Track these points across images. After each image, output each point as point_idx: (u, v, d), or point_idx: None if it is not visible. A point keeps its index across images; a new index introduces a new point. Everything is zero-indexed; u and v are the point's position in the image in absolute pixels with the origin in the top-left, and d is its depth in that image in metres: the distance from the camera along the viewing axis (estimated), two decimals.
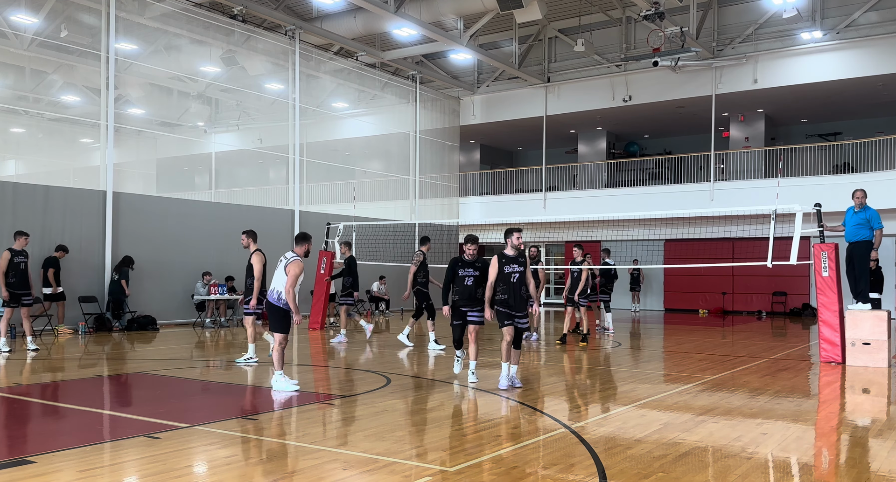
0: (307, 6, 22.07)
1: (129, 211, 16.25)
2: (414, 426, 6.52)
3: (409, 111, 25.05)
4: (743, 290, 24.12)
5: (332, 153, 23.67)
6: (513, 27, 24.75)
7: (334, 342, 13.57)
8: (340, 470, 5.10)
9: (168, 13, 17.75)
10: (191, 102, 23.33)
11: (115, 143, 16.64)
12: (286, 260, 8.36)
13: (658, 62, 20.51)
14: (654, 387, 8.83)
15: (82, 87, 20.39)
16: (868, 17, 20.78)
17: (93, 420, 6.89)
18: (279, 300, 8.23)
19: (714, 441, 6.04)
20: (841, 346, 11.01)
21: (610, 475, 4.97)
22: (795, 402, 7.99)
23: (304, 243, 8.70)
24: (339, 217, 19.14)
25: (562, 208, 24.71)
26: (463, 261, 9.20)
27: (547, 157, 26.54)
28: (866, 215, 11.07)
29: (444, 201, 26.46)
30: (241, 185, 25.87)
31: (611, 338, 15.10)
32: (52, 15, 17.15)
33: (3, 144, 21.94)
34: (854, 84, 21.14)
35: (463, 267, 9.16)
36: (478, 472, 5.01)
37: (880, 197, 18.48)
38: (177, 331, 15.78)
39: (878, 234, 11.12)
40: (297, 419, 6.91)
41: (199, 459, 5.47)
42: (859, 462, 5.58)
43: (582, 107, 25.03)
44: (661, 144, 28.50)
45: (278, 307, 8.26)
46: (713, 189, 22.89)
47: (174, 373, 9.83)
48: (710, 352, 12.83)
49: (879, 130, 23.16)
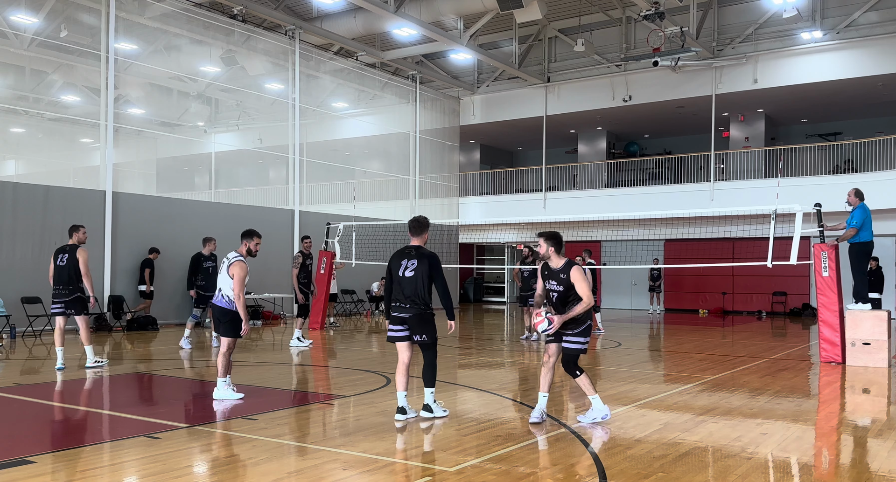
0: (307, 6, 22.07)
1: (129, 211, 16.25)
2: (414, 426, 6.52)
3: (408, 111, 25.05)
4: (743, 290, 24.13)
5: (332, 153, 23.66)
6: (513, 27, 24.75)
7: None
8: (340, 470, 5.10)
9: (168, 13, 17.75)
10: (191, 102, 23.33)
11: (115, 143, 16.65)
12: (228, 260, 7.67)
13: (658, 62, 20.51)
14: (654, 387, 8.82)
15: (82, 87, 20.38)
16: (868, 17, 20.78)
17: (93, 420, 6.89)
18: (230, 303, 7.59)
19: (714, 441, 6.04)
20: (841, 346, 11.01)
21: (610, 475, 4.97)
22: (795, 402, 7.99)
23: (245, 240, 7.84)
24: (339, 217, 19.12)
25: (562, 208, 24.70)
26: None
27: (547, 157, 26.54)
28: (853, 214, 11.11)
29: (444, 201, 26.46)
30: (241, 184, 25.87)
31: (599, 338, 14.98)
32: (52, 15, 17.14)
33: (3, 144, 21.94)
34: (854, 84, 21.14)
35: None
36: (478, 472, 5.01)
37: (880, 197, 18.48)
38: (177, 331, 15.78)
39: (849, 231, 11.12)
40: (297, 419, 6.91)
41: (199, 459, 5.47)
42: (859, 462, 5.58)
43: (582, 107, 25.03)
44: (661, 144, 28.50)
45: (228, 310, 7.61)
46: (713, 189, 22.89)
47: (174, 373, 9.83)
48: (710, 352, 12.83)
49: (879, 130, 23.16)
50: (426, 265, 6.64)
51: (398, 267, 6.73)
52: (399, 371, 6.70)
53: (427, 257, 6.67)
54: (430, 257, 6.69)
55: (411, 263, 6.66)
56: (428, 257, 6.68)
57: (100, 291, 15.50)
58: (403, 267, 6.70)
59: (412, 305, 6.65)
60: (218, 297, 7.72)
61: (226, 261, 7.75)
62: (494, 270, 30.35)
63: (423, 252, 6.73)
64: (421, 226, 6.87)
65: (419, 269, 6.63)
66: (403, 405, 6.65)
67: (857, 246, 11.16)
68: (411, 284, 6.64)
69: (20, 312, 13.62)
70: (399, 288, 6.71)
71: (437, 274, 6.68)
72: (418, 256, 6.67)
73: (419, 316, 6.67)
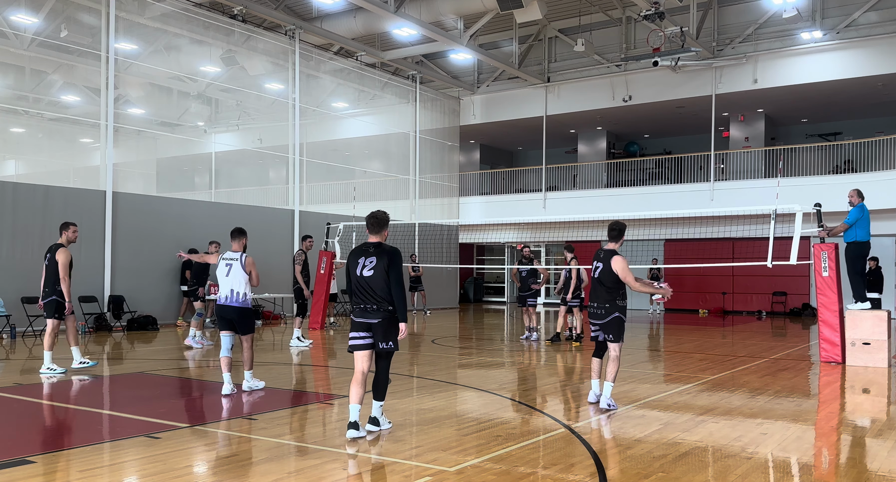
0: (307, 6, 22.08)
1: (129, 211, 16.25)
2: (414, 426, 6.52)
3: (409, 111, 25.05)
4: (743, 290, 24.13)
5: (332, 153, 23.66)
6: (513, 27, 24.75)
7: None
8: (340, 470, 5.10)
9: (168, 13, 17.75)
10: (191, 102, 23.33)
11: (115, 143, 16.64)
12: (234, 259, 7.99)
13: (658, 62, 20.50)
14: (654, 387, 8.83)
15: (82, 87, 20.38)
16: (868, 17, 20.78)
17: (93, 420, 6.89)
18: (244, 302, 7.90)
19: (714, 441, 6.04)
20: (841, 346, 11.01)
21: (610, 475, 4.97)
22: (795, 402, 7.99)
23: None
24: (339, 217, 19.12)
25: (562, 208, 24.70)
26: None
27: (547, 157, 26.54)
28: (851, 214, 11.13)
29: (444, 201, 26.46)
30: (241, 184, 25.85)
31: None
32: (52, 15, 17.14)
33: (3, 144, 21.92)
34: (854, 84, 21.14)
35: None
36: (478, 472, 5.01)
37: (880, 197, 18.49)
38: (177, 331, 15.78)
39: (839, 227, 11.15)
40: (297, 419, 6.91)
41: (199, 459, 5.47)
42: (859, 462, 5.58)
43: (582, 107, 25.03)
44: (661, 144, 28.50)
45: (242, 308, 7.91)
46: (713, 189, 22.89)
47: (174, 373, 9.83)
48: (710, 352, 12.83)
49: (879, 130, 23.16)
50: (385, 261, 6.05)
51: (355, 265, 6.14)
52: (356, 381, 6.02)
53: (387, 253, 6.09)
54: (391, 253, 6.10)
55: (370, 261, 6.08)
56: (388, 253, 6.10)
57: (100, 291, 15.50)
58: (361, 265, 6.11)
59: (378, 308, 6.05)
60: (233, 298, 7.84)
61: (231, 263, 7.92)
62: (494, 270, 30.35)
63: (383, 248, 6.14)
64: (380, 222, 6.23)
65: (378, 267, 6.04)
66: (356, 420, 5.94)
67: (853, 246, 11.15)
68: (374, 284, 6.04)
69: (20, 312, 13.63)
70: (360, 289, 6.10)
71: (396, 271, 6.06)
72: (377, 253, 6.11)
73: (387, 321, 6.06)
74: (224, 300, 7.88)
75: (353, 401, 5.98)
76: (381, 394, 6.16)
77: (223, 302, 7.89)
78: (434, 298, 23.78)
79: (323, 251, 16.50)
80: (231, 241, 8.15)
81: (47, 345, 9.45)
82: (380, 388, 6.15)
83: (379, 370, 6.18)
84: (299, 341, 12.81)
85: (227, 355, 8.00)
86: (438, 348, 13.15)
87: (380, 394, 6.15)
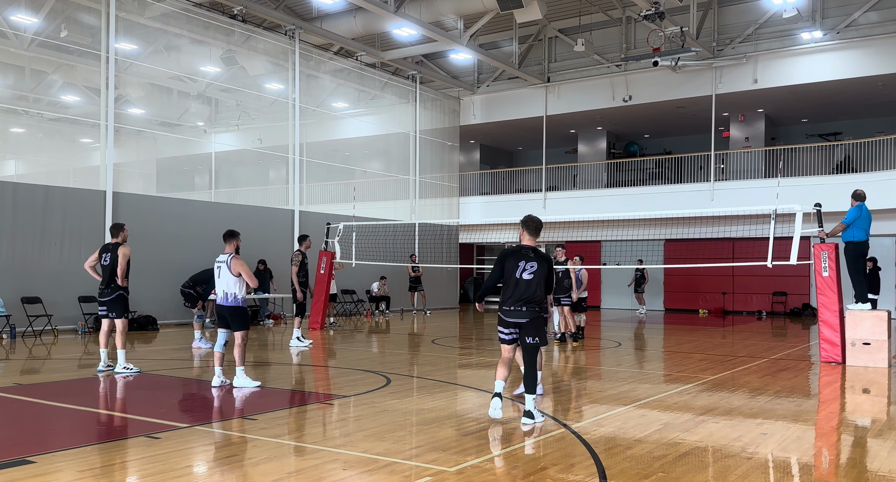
0: (307, 6, 22.08)
1: (129, 211, 16.24)
2: (414, 426, 6.52)
3: (408, 111, 25.05)
4: (743, 290, 24.12)
5: (332, 153, 23.67)
6: (513, 27, 24.74)
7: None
8: (340, 470, 5.10)
9: (168, 13, 17.75)
10: (191, 102, 23.33)
11: (115, 143, 16.64)
12: (224, 261, 8.48)
13: (658, 62, 20.50)
14: (654, 387, 8.82)
15: (82, 87, 20.39)
16: (868, 17, 20.78)
17: (93, 420, 6.89)
18: (235, 301, 8.40)
19: (714, 441, 6.04)
20: (841, 346, 11.01)
21: (610, 475, 4.97)
22: (795, 402, 7.99)
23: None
24: (339, 217, 19.13)
25: (562, 208, 24.70)
26: None
27: (547, 157, 26.54)
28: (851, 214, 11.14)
29: (444, 201, 26.46)
30: (241, 184, 25.85)
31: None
32: (52, 15, 17.14)
33: (3, 144, 21.92)
34: (854, 84, 21.14)
35: None
36: (478, 472, 5.01)
37: (880, 197, 18.49)
38: (177, 331, 15.78)
39: (837, 227, 11.16)
40: (297, 419, 6.91)
41: (199, 459, 5.47)
42: (859, 462, 5.58)
43: (582, 107, 25.03)
44: (661, 144, 28.50)
45: (236, 307, 8.42)
46: (713, 189, 22.89)
47: (174, 373, 9.83)
48: (710, 352, 12.83)
49: (879, 130, 23.16)
50: (546, 268, 6.61)
51: (514, 268, 6.62)
52: (503, 362, 6.76)
53: (546, 261, 6.67)
54: (549, 261, 6.71)
55: (530, 266, 6.59)
56: (547, 261, 6.68)
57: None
58: (521, 268, 6.59)
59: (528, 309, 6.57)
60: (224, 298, 8.43)
61: (221, 265, 8.42)
62: None
63: (541, 255, 6.69)
64: (539, 227, 6.81)
65: (539, 273, 6.57)
66: (500, 391, 6.60)
67: (851, 245, 11.16)
68: (532, 287, 6.56)
69: (20, 312, 13.63)
70: (516, 290, 6.60)
71: (551, 277, 6.70)
72: (538, 259, 6.62)
73: (536, 319, 6.63)
74: (220, 300, 8.53)
75: (498, 377, 6.69)
76: (532, 387, 6.64)
77: (220, 302, 8.54)
78: (434, 298, 23.79)
79: (323, 251, 16.50)
80: (224, 243, 8.68)
81: (120, 344, 9.69)
82: (530, 382, 6.65)
83: (527, 364, 6.74)
84: (299, 341, 12.81)
85: (221, 351, 8.68)
86: (439, 348, 13.14)
87: (531, 387, 6.64)
